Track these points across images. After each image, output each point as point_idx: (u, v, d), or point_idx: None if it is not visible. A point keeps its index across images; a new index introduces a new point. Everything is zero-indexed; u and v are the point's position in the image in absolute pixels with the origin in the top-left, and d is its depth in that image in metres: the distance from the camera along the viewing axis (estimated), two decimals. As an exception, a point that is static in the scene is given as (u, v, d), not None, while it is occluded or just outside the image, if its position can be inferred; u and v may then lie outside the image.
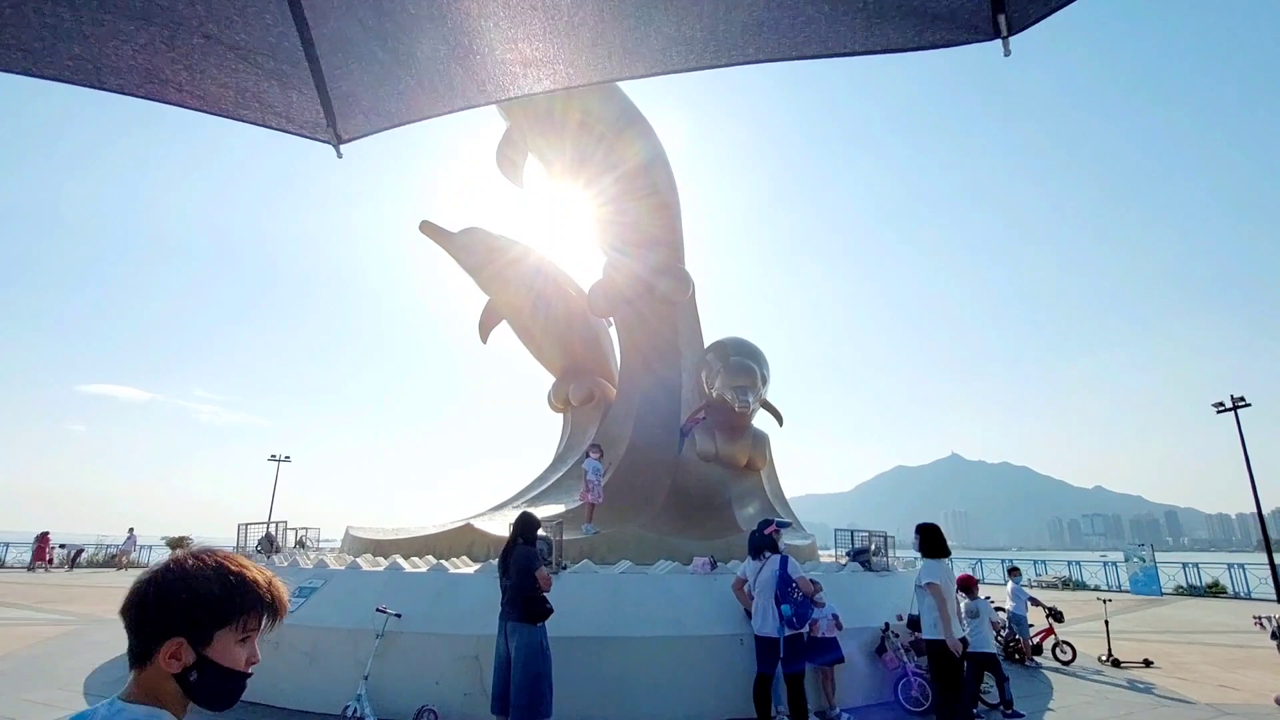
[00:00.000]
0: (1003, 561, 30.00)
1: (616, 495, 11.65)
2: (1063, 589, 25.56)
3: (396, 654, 6.77)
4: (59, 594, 17.40)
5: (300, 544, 12.78)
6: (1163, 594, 22.79)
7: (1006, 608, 10.96)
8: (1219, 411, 25.25)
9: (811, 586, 6.46)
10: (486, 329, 18.22)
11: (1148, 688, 8.57)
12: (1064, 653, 10.33)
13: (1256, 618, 8.50)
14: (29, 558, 26.13)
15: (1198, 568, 24.12)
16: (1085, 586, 26.50)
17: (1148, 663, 10.04)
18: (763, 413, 14.32)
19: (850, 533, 10.79)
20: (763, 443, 14.09)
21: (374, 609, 6.90)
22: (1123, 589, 23.96)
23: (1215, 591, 22.78)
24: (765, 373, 12.73)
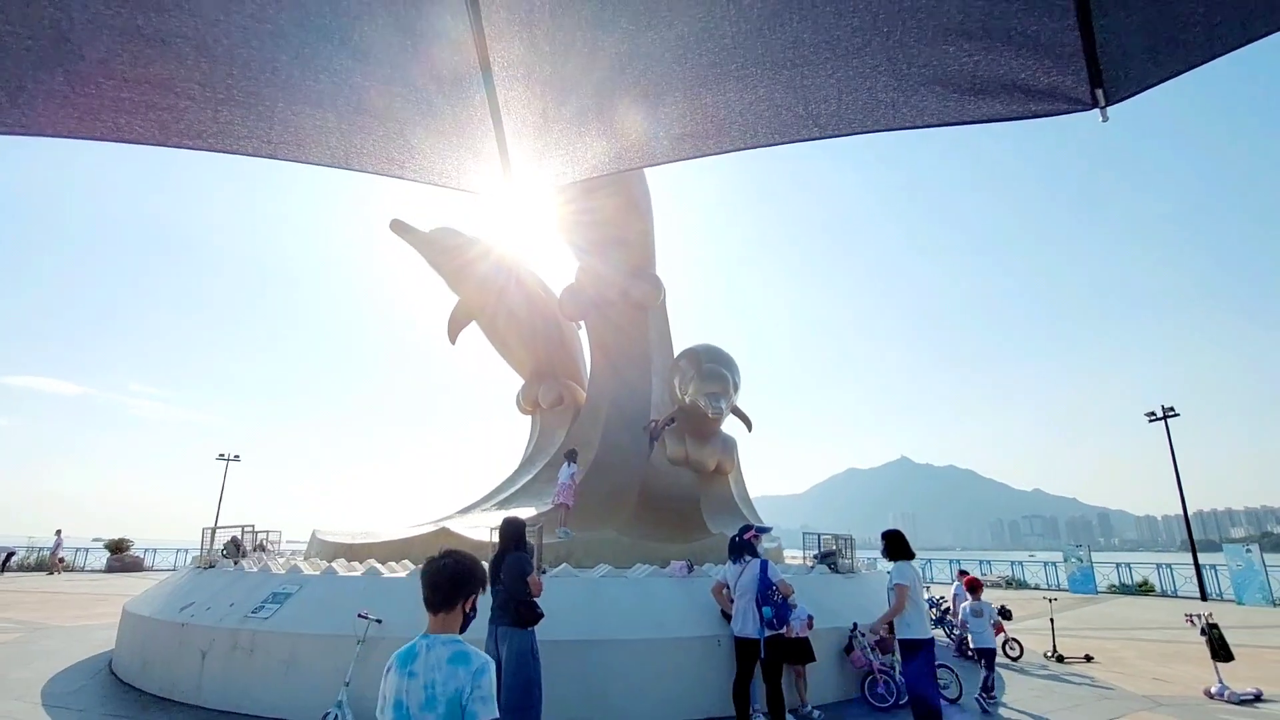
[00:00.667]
0: (951, 562, 31.27)
1: (587, 499, 11.76)
2: (1007, 588, 26.77)
3: (378, 660, 6.74)
4: (-7, 600, 16.50)
5: (261, 548, 12.46)
6: (1098, 592, 24.15)
7: (955, 608, 11.57)
8: (1151, 421, 26.89)
9: (790, 589, 6.74)
10: (455, 329, 18.05)
11: (1090, 681, 9.16)
12: (1013, 649, 10.92)
13: (1188, 615, 9.17)
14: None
15: (1129, 567, 25.63)
16: (1027, 585, 27.81)
17: (1089, 658, 10.71)
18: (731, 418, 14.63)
19: (817, 536, 11.17)
20: (731, 447, 14.41)
21: (353, 615, 6.88)
22: (1062, 588, 25.27)
23: (1145, 590, 24.24)
24: (736, 380, 13.04)
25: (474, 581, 2.30)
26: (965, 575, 10.63)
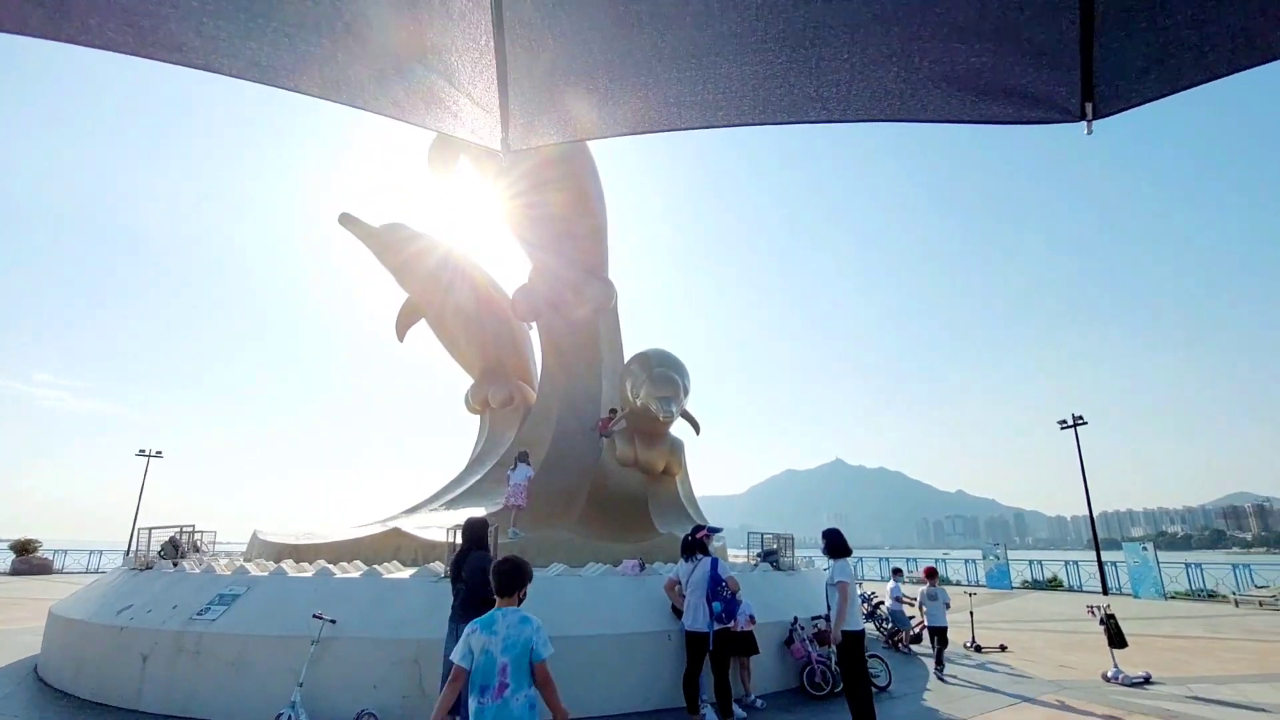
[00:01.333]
0: (881, 560, 32.78)
1: (537, 499, 11.89)
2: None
3: (332, 660, 6.76)
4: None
5: (195, 549, 12.01)
6: (1013, 588, 25.88)
7: (887, 603, 12.34)
8: (1063, 428, 28.97)
9: (738, 585, 7.14)
10: (404, 327, 17.80)
11: (1004, 669, 9.98)
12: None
13: (1089, 607, 10.10)
14: None
15: (1041, 564, 27.60)
16: (949, 582, 29.47)
17: (1003, 647, 11.64)
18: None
19: (760, 535, 11.69)
20: (679, 449, 14.79)
21: (305, 616, 6.86)
22: (980, 583, 26.95)
23: (1054, 585, 26.15)
24: (686, 384, 13.42)
25: (526, 576, 3.43)
26: (901, 572, 11.31)
